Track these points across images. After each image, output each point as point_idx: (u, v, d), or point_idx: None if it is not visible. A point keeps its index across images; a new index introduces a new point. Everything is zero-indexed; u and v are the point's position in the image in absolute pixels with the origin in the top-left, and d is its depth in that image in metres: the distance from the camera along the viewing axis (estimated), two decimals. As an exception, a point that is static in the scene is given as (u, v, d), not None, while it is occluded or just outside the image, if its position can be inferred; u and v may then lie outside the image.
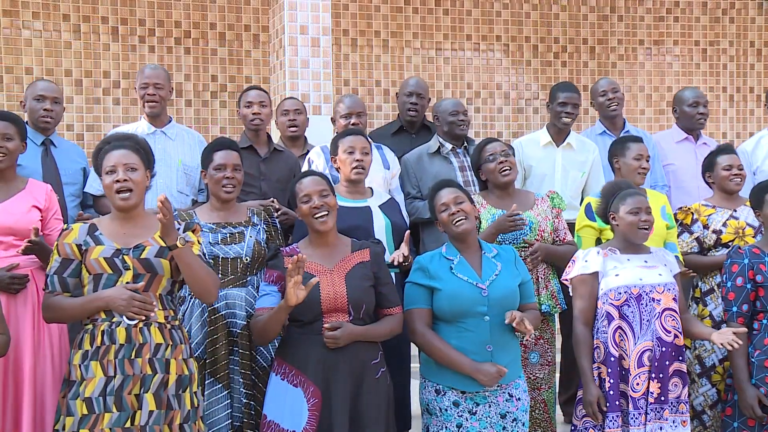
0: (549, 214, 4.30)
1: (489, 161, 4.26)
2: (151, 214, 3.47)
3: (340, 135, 4.30)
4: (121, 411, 3.14)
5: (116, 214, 3.33)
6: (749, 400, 3.80)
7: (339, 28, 8.21)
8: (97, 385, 3.15)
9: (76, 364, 3.20)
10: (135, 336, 3.19)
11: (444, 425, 3.51)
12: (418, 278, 3.58)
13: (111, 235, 3.27)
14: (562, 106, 5.21)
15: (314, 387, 3.38)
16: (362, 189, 4.22)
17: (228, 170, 3.88)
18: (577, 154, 5.23)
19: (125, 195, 3.25)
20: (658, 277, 3.74)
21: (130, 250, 3.24)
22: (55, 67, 7.52)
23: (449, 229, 3.63)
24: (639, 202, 3.78)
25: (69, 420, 3.14)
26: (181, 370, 3.27)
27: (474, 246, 3.66)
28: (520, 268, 3.68)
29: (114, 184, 3.24)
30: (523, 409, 3.60)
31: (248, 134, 4.83)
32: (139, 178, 3.28)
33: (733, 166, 4.52)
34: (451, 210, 3.61)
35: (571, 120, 5.22)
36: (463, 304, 3.49)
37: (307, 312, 3.40)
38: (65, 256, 3.25)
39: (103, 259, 3.21)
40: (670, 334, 3.67)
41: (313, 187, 3.55)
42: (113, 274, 3.21)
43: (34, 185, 3.96)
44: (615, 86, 5.62)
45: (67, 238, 3.26)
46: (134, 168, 3.27)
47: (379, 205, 4.20)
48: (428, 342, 3.52)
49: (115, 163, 3.25)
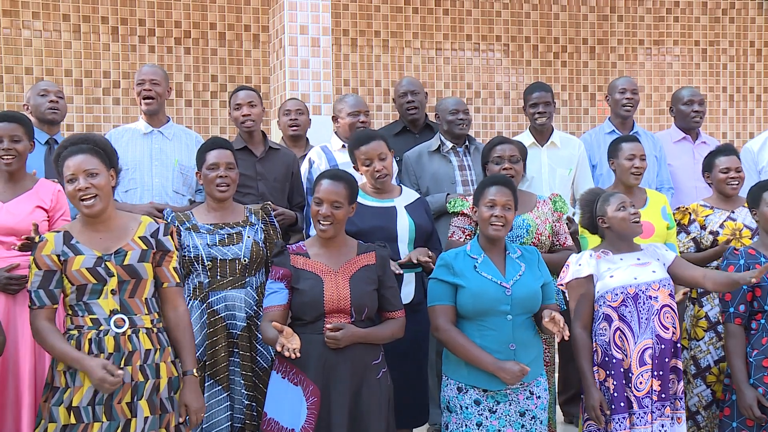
0: (549, 217, 4.28)
1: (495, 164, 4.24)
2: (124, 213, 3.40)
3: (353, 145, 4.13)
4: (110, 420, 3.10)
5: (88, 220, 3.23)
6: (748, 400, 3.80)
7: (339, 28, 8.22)
8: (85, 395, 3.10)
9: (60, 370, 3.14)
10: (124, 344, 3.15)
11: (464, 423, 3.51)
12: (443, 275, 3.57)
13: (88, 243, 3.19)
14: (534, 107, 5.17)
15: (313, 386, 3.38)
16: (390, 188, 4.17)
17: (221, 169, 3.86)
18: (562, 152, 5.20)
19: (89, 203, 3.16)
20: (652, 274, 3.75)
21: (112, 255, 3.17)
22: (55, 67, 7.52)
23: (485, 226, 3.61)
24: (621, 199, 3.82)
25: (51, 426, 3.10)
26: (171, 372, 3.25)
27: (500, 246, 3.65)
28: (542, 270, 3.67)
29: (77, 192, 3.15)
30: (542, 407, 3.59)
31: (242, 135, 4.80)
32: (101, 182, 3.17)
33: (730, 169, 4.49)
34: (495, 211, 3.59)
35: (545, 119, 5.16)
36: (486, 302, 3.49)
37: (309, 312, 3.41)
38: (47, 269, 3.16)
39: (85, 269, 3.14)
40: (668, 330, 3.69)
41: (328, 195, 3.50)
42: (98, 284, 3.15)
43: (43, 185, 3.96)
44: (635, 87, 5.54)
45: (45, 250, 3.17)
46: (95, 173, 3.16)
47: (405, 206, 4.14)
48: (452, 339, 3.51)
49: (74, 171, 3.14)
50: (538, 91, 5.22)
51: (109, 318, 3.15)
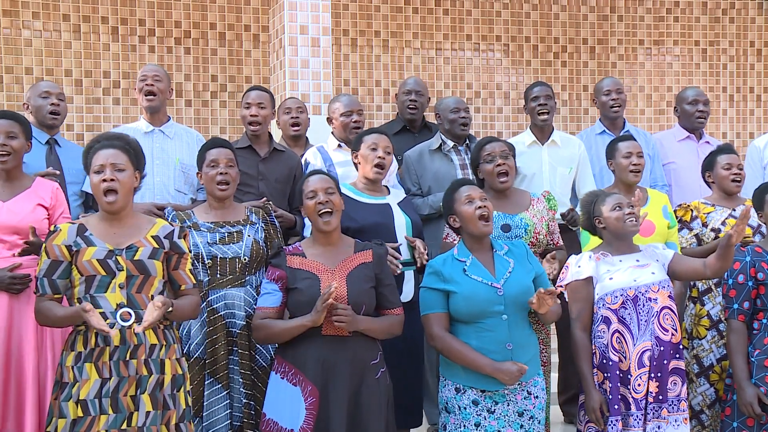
0: (545, 215, 4.28)
1: (487, 162, 4.23)
2: (140, 214, 3.47)
3: (365, 132, 4.26)
4: (117, 413, 3.14)
5: (104, 214, 3.31)
6: (748, 398, 3.79)
7: (339, 28, 8.21)
8: (92, 387, 3.14)
9: (68, 366, 3.18)
10: (129, 337, 3.18)
11: (462, 424, 3.50)
12: (433, 282, 3.57)
13: (101, 236, 3.25)
14: (535, 100, 5.18)
15: (312, 386, 3.38)
16: (380, 187, 4.21)
17: (221, 166, 3.87)
18: (562, 151, 5.20)
19: (111, 198, 3.23)
20: (652, 276, 3.74)
21: (123, 250, 3.23)
22: (55, 67, 7.51)
23: (474, 224, 3.60)
24: (618, 199, 3.82)
25: (61, 422, 3.13)
26: (175, 369, 3.28)
27: (486, 245, 3.65)
28: (532, 262, 3.66)
29: (101, 183, 3.23)
30: (540, 407, 3.59)
31: (248, 134, 4.82)
32: (126, 178, 3.26)
33: (732, 166, 4.51)
34: (477, 203, 3.59)
35: (548, 114, 5.17)
36: (479, 304, 3.48)
37: (307, 311, 3.41)
38: (54, 258, 3.22)
39: (96, 260, 3.19)
40: (668, 332, 3.68)
41: (319, 184, 3.57)
42: (107, 276, 3.20)
43: (41, 183, 3.96)
44: (619, 87, 5.57)
45: (56, 240, 3.23)
46: (122, 168, 3.25)
47: (398, 203, 4.19)
48: (447, 345, 3.51)
49: (103, 163, 3.24)
50: (539, 86, 5.26)
51: (116, 311, 3.17)
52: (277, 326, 3.46)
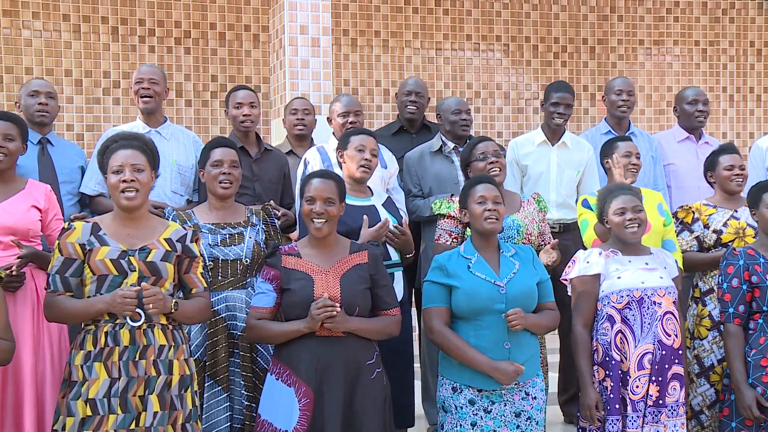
0: (536, 217, 4.29)
1: (479, 160, 4.24)
2: (153, 215, 3.49)
3: (352, 132, 4.27)
4: (125, 413, 3.15)
5: (119, 214, 3.32)
6: (747, 401, 3.79)
7: (339, 28, 8.21)
8: (101, 387, 3.15)
9: (77, 365, 3.19)
10: (139, 338, 3.19)
11: (459, 423, 3.50)
12: (437, 277, 3.57)
13: (115, 236, 3.26)
14: (555, 106, 5.19)
15: (306, 387, 3.38)
16: (364, 188, 4.22)
17: (225, 166, 3.87)
18: (572, 153, 5.21)
19: (131, 195, 3.25)
20: (659, 280, 3.74)
21: (136, 251, 3.24)
22: (55, 67, 7.51)
23: (479, 222, 3.61)
24: (624, 202, 3.79)
25: (69, 420, 3.14)
26: (183, 370, 3.28)
27: (493, 245, 3.65)
28: (538, 268, 3.66)
29: (120, 183, 3.24)
30: (538, 407, 3.58)
31: (237, 135, 4.80)
32: (145, 179, 3.29)
33: (734, 166, 4.50)
34: (488, 206, 3.60)
35: (563, 121, 5.19)
36: (481, 301, 3.48)
37: (300, 311, 3.41)
38: (68, 256, 3.23)
39: (109, 260, 3.20)
40: (670, 337, 3.68)
41: (319, 193, 3.53)
42: (118, 276, 3.20)
43: (34, 185, 3.96)
44: (631, 89, 5.55)
45: (70, 237, 3.24)
46: (141, 169, 3.28)
47: (381, 204, 4.20)
48: (446, 340, 3.51)
49: (123, 163, 3.26)
50: (562, 92, 5.22)
51: None
52: (272, 329, 3.46)
